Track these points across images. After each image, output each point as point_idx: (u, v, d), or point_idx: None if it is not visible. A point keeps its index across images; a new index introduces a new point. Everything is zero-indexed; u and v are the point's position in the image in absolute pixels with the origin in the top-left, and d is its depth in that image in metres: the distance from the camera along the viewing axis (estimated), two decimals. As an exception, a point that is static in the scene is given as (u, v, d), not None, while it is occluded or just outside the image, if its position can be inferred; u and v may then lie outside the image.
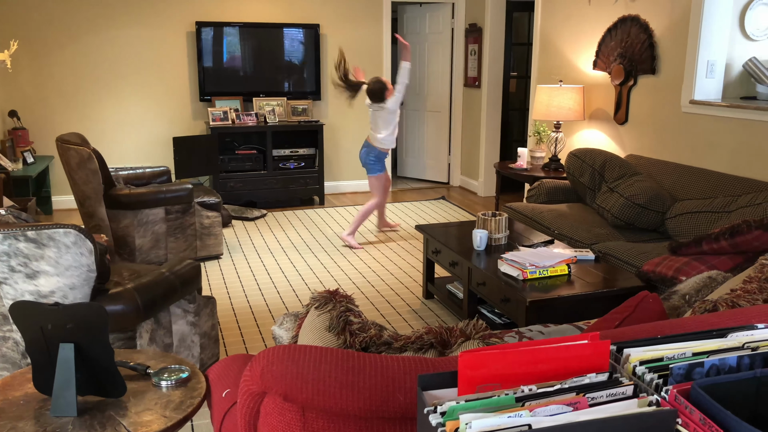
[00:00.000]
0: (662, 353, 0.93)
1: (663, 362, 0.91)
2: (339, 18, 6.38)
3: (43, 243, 2.04)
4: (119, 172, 4.46)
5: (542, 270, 2.86)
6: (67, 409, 1.55)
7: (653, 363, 0.92)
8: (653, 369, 0.90)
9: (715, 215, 3.25)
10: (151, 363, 1.82)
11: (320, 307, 1.66)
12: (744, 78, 3.92)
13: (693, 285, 1.81)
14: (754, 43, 3.91)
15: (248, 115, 5.97)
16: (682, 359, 0.90)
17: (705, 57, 3.83)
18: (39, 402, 1.62)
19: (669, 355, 0.92)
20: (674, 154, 4.06)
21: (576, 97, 4.74)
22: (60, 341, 1.53)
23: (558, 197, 4.37)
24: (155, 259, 4.15)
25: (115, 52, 5.82)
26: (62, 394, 1.54)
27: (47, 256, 2.05)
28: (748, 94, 3.90)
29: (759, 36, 3.89)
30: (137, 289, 2.40)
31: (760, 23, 3.88)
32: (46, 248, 2.04)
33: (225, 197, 5.83)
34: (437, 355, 1.44)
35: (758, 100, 3.70)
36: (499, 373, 0.96)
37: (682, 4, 3.94)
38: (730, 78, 3.93)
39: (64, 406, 1.55)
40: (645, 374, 0.89)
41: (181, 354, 2.66)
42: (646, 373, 0.89)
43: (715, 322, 1.19)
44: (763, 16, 3.87)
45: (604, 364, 0.94)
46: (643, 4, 4.25)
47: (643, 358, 0.93)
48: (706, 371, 0.87)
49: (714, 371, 0.87)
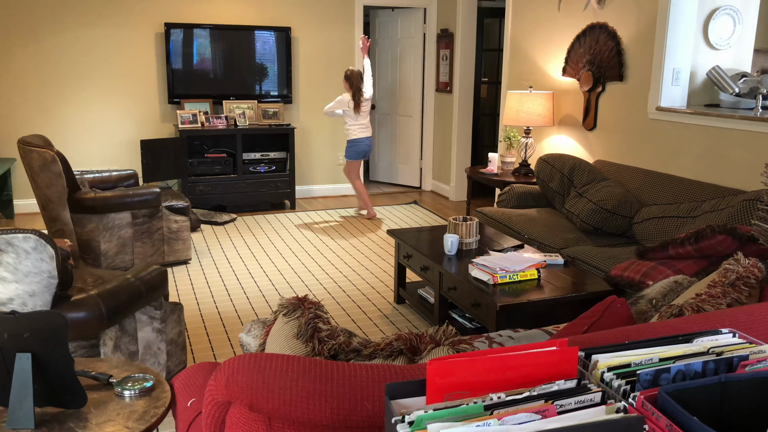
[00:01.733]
0: (629, 359, 0.93)
1: (630, 368, 0.91)
2: (311, 21, 6.35)
3: (1, 248, 1.96)
4: (84, 175, 4.35)
5: (512, 274, 2.88)
6: (24, 421, 1.49)
7: (621, 369, 0.92)
8: (621, 375, 0.90)
9: (681, 220, 3.31)
10: (114, 372, 1.77)
11: (288, 313, 1.63)
12: (708, 86, 4.02)
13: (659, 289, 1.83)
14: (717, 52, 4.02)
15: (218, 118, 5.89)
16: (649, 365, 0.90)
17: (671, 65, 3.91)
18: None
19: (636, 361, 0.92)
20: (641, 159, 4.13)
21: (545, 103, 4.79)
22: (17, 351, 1.48)
23: (528, 202, 4.41)
24: (121, 265, 4.05)
25: (81, 52, 5.69)
26: (19, 405, 1.48)
27: (5, 262, 1.98)
28: (712, 102, 4.00)
29: (722, 45, 4.00)
30: (101, 295, 2.33)
31: (722, 33, 3.98)
32: (4, 254, 1.97)
33: (194, 201, 5.74)
34: (407, 362, 1.43)
35: (721, 108, 3.80)
36: (468, 381, 0.95)
37: (648, 13, 4.02)
38: (694, 86, 4.02)
39: (21, 418, 1.49)
40: (613, 380, 0.89)
41: (146, 362, 2.59)
42: (613, 380, 0.89)
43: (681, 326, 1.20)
44: (725, 26, 3.98)
45: (572, 370, 0.94)
46: (611, 12, 4.32)
47: (611, 365, 0.93)
48: (672, 377, 0.87)
49: (680, 377, 0.87)
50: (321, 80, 6.52)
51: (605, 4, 4.37)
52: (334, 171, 6.78)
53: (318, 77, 6.50)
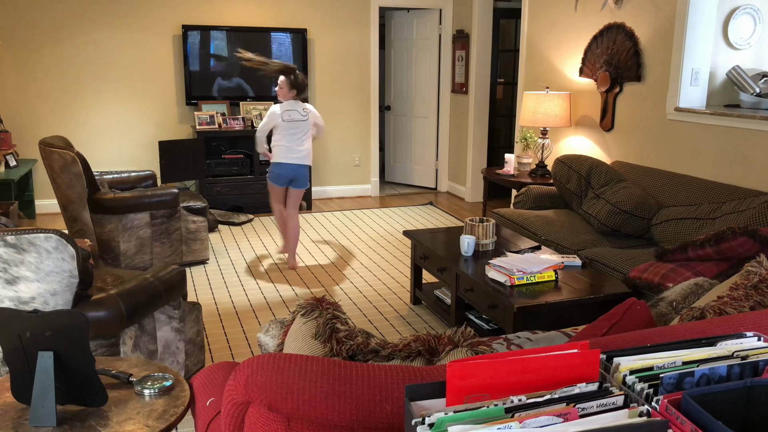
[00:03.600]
0: (652, 362, 0.92)
1: (653, 371, 0.90)
2: (327, 23, 6.37)
3: (23, 248, 1.99)
4: (104, 176, 4.40)
5: (530, 276, 2.86)
6: (46, 419, 1.51)
7: (643, 372, 0.90)
8: (643, 378, 0.89)
9: (700, 222, 3.27)
10: (134, 371, 1.79)
11: (306, 314, 1.63)
12: (727, 86, 3.96)
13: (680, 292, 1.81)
14: (737, 51, 3.96)
15: (235, 119, 5.93)
16: (672, 368, 0.89)
17: (689, 65, 3.86)
18: (17, 411, 1.58)
19: (659, 365, 0.91)
20: (659, 160, 4.09)
21: (562, 103, 4.76)
22: (39, 349, 1.49)
23: (545, 203, 4.38)
24: (140, 265, 4.09)
25: (101, 55, 5.76)
26: (41, 403, 1.50)
27: (27, 262, 2.01)
28: (732, 102, 3.94)
29: (742, 45, 3.94)
30: (120, 295, 2.36)
31: (742, 32, 3.92)
32: (27, 253, 2.00)
33: (211, 202, 5.78)
34: (425, 363, 1.42)
35: (741, 108, 3.74)
36: (488, 383, 0.94)
37: (666, 13, 3.97)
38: (714, 86, 3.97)
39: (43, 416, 1.51)
40: (635, 384, 0.88)
41: (165, 361, 2.61)
42: (636, 383, 0.88)
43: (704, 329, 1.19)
44: (745, 26, 3.92)
45: (594, 373, 0.93)
46: (629, 12, 4.28)
47: (633, 368, 0.92)
48: (696, 381, 0.86)
49: (704, 381, 0.86)
50: (337, 82, 6.53)
51: (622, 3, 4.33)
52: (350, 172, 6.79)
53: (334, 78, 6.51)
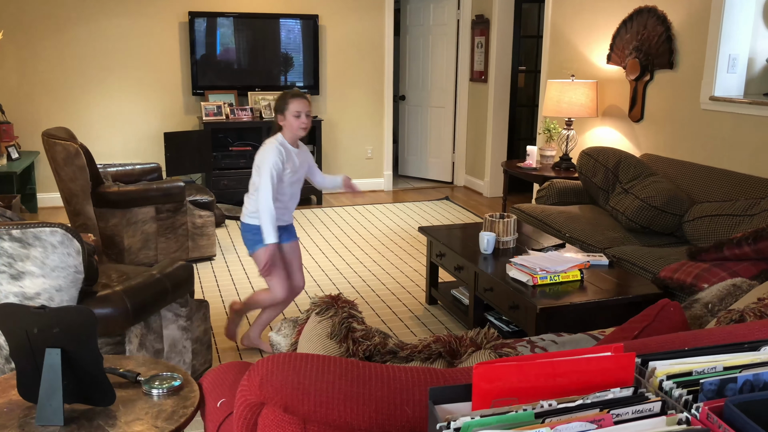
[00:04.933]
0: (691, 367, 0.91)
1: (692, 377, 0.89)
2: (339, 8, 6.36)
3: (29, 242, 2.02)
4: (108, 168, 4.44)
5: (553, 275, 2.84)
6: (53, 418, 1.53)
7: (681, 378, 0.90)
8: (681, 384, 0.88)
9: (737, 219, 3.23)
10: (142, 370, 1.80)
11: (321, 313, 1.64)
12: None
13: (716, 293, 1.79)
14: (777, 37, 3.89)
15: (243, 109, 5.95)
16: (712, 374, 0.88)
17: (726, 51, 3.81)
18: (24, 410, 1.60)
19: (698, 370, 0.90)
20: (692, 153, 4.04)
21: (588, 92, 4.72)
22: (46, 346, 1.51)
23: (569, 198, 4.35)
24: (145, 260, 4.13)
25: (104, 44, 5.80)
26: (48, 401, 1.52)
27: (33, 257, 2.03)
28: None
29: (782, 30, 3.88)
30: (126, 291, 2.38)
31: (783, 17, 3.86)
32: (32, 248, 2.02)
33: (218, 196, 5.81)
34: (446, 365, 1.42)
35: (781, 98, 3.69)
36: (516, 387, 0.94)
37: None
38: (753, 73, 3.91)
39: (50, 415, 1.53)
40: (673, 389, 0.87)
41: (171, 360, 2.64)
42: (674, 389, 0.88)
43: (745, 333, 1.18)
44: (787, 10, 3.86)
45: (628, 378, 0.92)
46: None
47: (671, 372, 0.91)
48: (739, 387, 0.85)
49: (748, 387, 0.85)
50: (349, 70, 6.53)
51: (654, -13, 4.28)
52: (362, 165, 6.80)
53: (346, 67, 6.51)
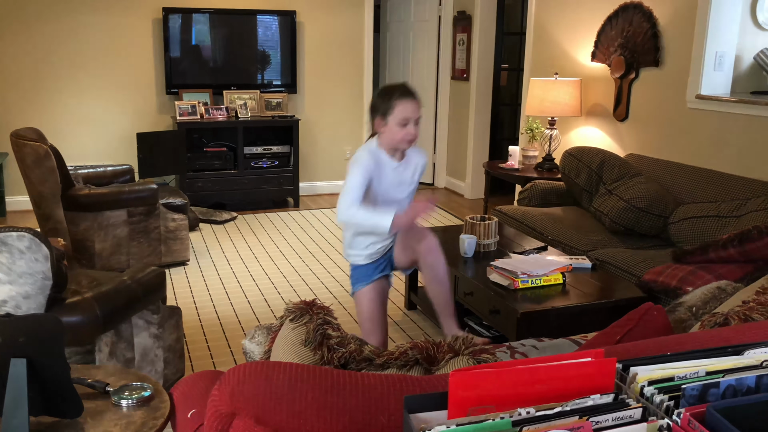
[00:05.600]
0: (673, 372, 0.91)
1: (674, 382, 0.89)
2: (317, 4, 6.34)
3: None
4: (78, 170, 4.38)
5: (535, 279, 2.85)
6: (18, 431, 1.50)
7: (663, 383, 0.90)
8: (663, 390, 0.88)
9: (723, 220, 3.27)
10: (111, 380, 1.78)
11: (295, 319, 1.62)
12: (755, 71, 3.94)
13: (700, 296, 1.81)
14: (766, 33, 3.92)
15: (218, 109, 5.91)
16: (694, 379, 0.89)
17: (713, 48, 3.84)
18: (-18, 425, 1.57)
19: (680, 375, 0.90)
20: (678, 153, 4.09)
21: (572, 91, 4.76)
22: (11, 356, 1.48)
23: (552, 200, 4.38)
24: (116, 266, 4.08)
25: (75, 41, 5.72)
26: (13, 414, 1.49)
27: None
28: (760, 89, 3.92)
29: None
30: (97, 298, 2.34)
31: (771, 13, 3.91)
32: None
33: (192, 198, 5.76)
34: (423, 372, 1.41)
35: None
36: (494, 394, 0.93)
37: (685, -6, 3.97)
38: (740, 71, 3.95)
39: (15, 428, 1.50)
40: (654, 395, 0.87)
41: (143, 369, 2.60)
42: (655, 395, 0.88)
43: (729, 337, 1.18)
44: (773, 6, 3.90)
45: (609, 384, 0.92)
46: (645, -6, 4.28)
47: (652, 378, 0.91)
48: (721, 392, 0.85)
49: (730, 392, 0.85)
50: (328, 68, 6.51)
51: (638, -16, 4.32)
52: (341, 166, 6.78)
53: (325, 65, 6.49)
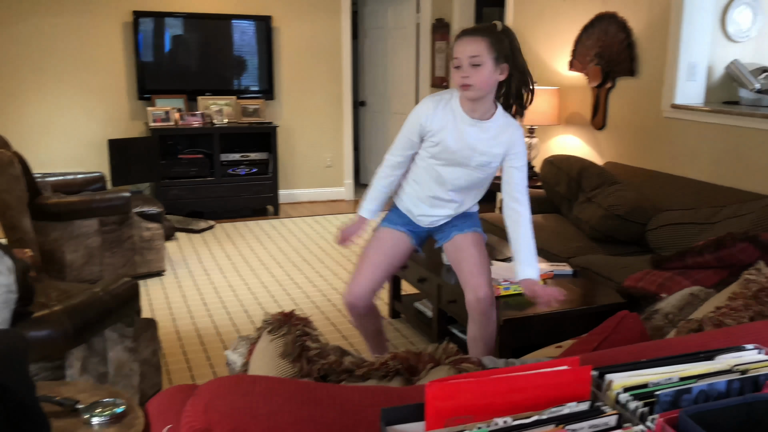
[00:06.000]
0: (647, 379, 0.94)
1: (648, 389, 0.92)
2: (293, 9, 6.36)
3: (-45, 261, 1.95)
4: (47, 178, 4.33)
5: (517, 286, 2.88)
6: (-20, 453, 1.47)
7: (638, 390, 0.92)
8: (638, 396, 0.91)
9: (699, 227, 3.33)
10: (82, 396, 1.76)
11: (274, 331, 1.62)
12: (727, 81, 4.05)
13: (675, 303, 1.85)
14: (736, 44, 4.05)
15: (193, 115, 5.88)
16: (668, 385, 0.91)
17: (686, 59, 3.94)
18: (-52, 444, 1.54)
19: (654, 381, 0.93)
20: (655, 161, 4.16)
21: (551, 99, 4.82)
22: (-27, 374, 1.46)
23: (532, 207, 4.38)
24: (88, 277, 4.03)
25: (42, 44, 5.66)
26: (-25, 435, 1.47)
27: (-40, 276, 1.96)
28: (731, 99, 4.03)
29: (741, 37, 4.03)
30: (67, 311, 2.32)
31: (741, 24, 4.02)
32: (-41, 267, 1.95)
33: (167, 207, 5.71)
34: (404, 383, 1.43)
35: (741, 105, 3.83)
36: (472, 404, 0.95)
37: (661, 2, 4.06)
38: (712, 81, 4.05)
39: (-22, 449, 1.47)
40: (629, 402, 0.90)
41: (118, 384, 2.58)
42: (630, 401, 0.90)
43: (702, 343, 1.22)
44: (744, 17, 4.02)
45: (585, 391, 0.94)
46: (622, 1, 4.36)
47: (627, 385, 0.93)
48: (694, 398, 0.88)
49: (702, 397, 0.88)
50: (306, 74, 6.52)
51: (615, -8, 4.41)
52: (322, 174, 6.78)
53: (303, 71, 6.50)
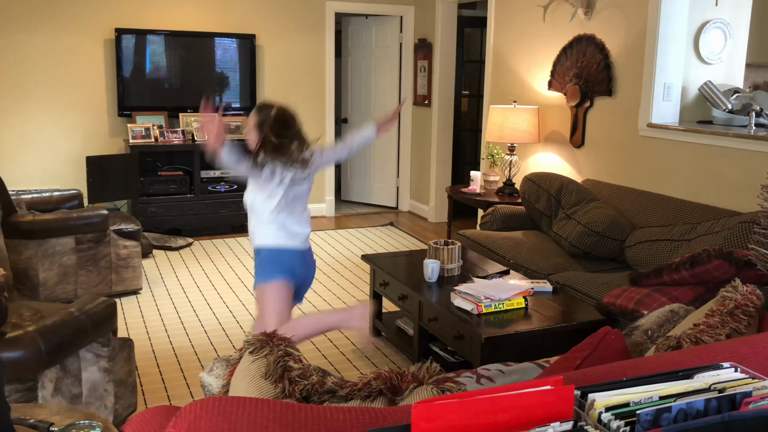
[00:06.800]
0: (628, 398, 0.95)
1: (629, 408, 0.93)
2: (277, 28, 6.38)
3: (-72, 280, 1.91)
4: (21, 195, 4.27)
5: (498, 303, 2.90)
6: (-48, 478, 1.44)
7: (619, 409, 0.93)
8: (619, 415, 0.92)
9: (675, 244, 3.39)
10: (56, 419, 1.73)
11: (255, 351, 1.61)
12: (700, 102, 4.15)
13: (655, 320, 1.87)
14: (708, 66, 4.16)
15: (174, 132, 5.85)
16: (648, 404, 0.92)
17: (662, 79, 4.03)
18: None
19: (635, 400, 0.94)
20: (632, 179, 4.23)
21: (531, 118, 4.89)
22: (-54, 397, 1.43)
23: (513, 224, 4.46)
24: (63, 296, 3.97)
25: (20, 60, 5.61)
26: (-53, 459, 1.43)
27: (-67, 296, 1.92)
28: (705, 118, 4.12)
29: (713, 59, 4.14)
30: (40, 331, 2.28)
31: (713, 47, 4.13)
32: (-68, 286, 1.92)
33: (145, 224, 5.66)
34: (387, 403, 1.42)
35: (714, 125, 3.92)
36: (457, 424, 0.95)
37: (637, 25, 4.15)
38: (686, 101, 4.15)
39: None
40: (611, 421, 0.91)
41: (91, 406, 2.53)
42: (612, 420, 0.91)
43: (680, 361, 1.23)
44: (716, 40, 4.12)
45: (568, 411, 0.95)
46: (599, 24, 4.45)
47: (609, 404, 0.94)
48: (674, 416, 0.89)
49: (681, 416, 0.89)
50: (288, 92, 6.53)
51: (592, 15, 4.50)
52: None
53: (285, 89, 6.51)
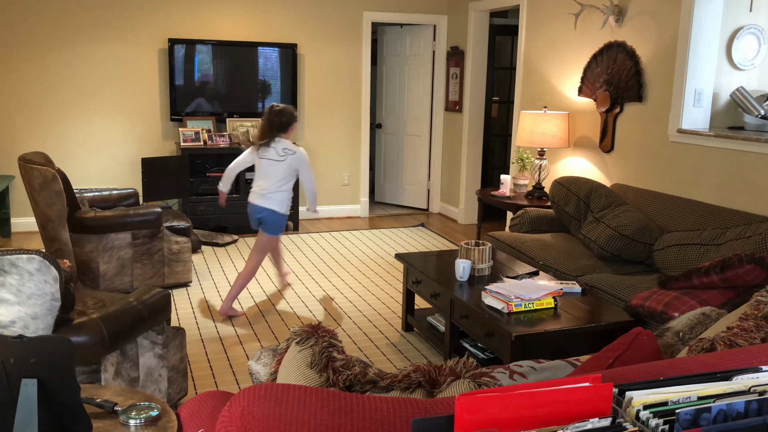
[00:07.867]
0: (666, 397, 0.93)
1: (668, 407, 0.91)
2: (317, 38, 6.43)
3: (5, 269, 1.98)
4: (84, 194, 4.39)
5: (528, 303, 2.87)
6: (25, 452, 1.48)
7: (657, 407, 0.91)
8: (657, 414, 0.90)
9: (704, 248, 3.31)
10: (119, 399, 1.77)
11: (301, 342, 1.63)
12: (731, 108, 4.03)
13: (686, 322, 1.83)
14: (741, 72, 4.03)
15: (221, 136, 5.94)
16: (687, 404, 0.90)
17: (692, 85, 3.93)
18: (-6, 444, 1.56)
19: (674, 399, 0.92)
20: (661, 184, 4.14)
21: (561, 123, 4.82)
22: (22, 376, 1.48)
23: (542, 227, 4.41)
24: (120, 287, 4.06)
25: (84, 68, 5.77)
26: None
27: (8, 284, 1.99)
28: (736, 124, 4.01)
29: (746, 65, 4.02)
30: (103, 319, 2.34)
31: (747, 53, 4.01)
32: (8, 275, 1.98)
33: (195, 221, 5.76)
34: (425, 395, 1.42)
35: (746, 131, 3.81)
36: (498, 418, 0.95)
37: (669, 31, 4.06)
38: (717, 107, 4.03)
39: (23, 449, 1.48)
40: (650, 419, 0.89)
41: (147, 388, 2.59)
42: (650, 418, 0.89)
43: (717, 362, 1.20)
44: (749, 46, 4.00)
45: (606, 408, 0.94)
46: (630, 31, 4.37)
47: (647, 402, 0.93)
48: (713, 417, 0.87)
49: (721, 417, 0.87)
50: (327, 98, 6.58)
51: (623, 22, 4.42)
52: (339, 191, 6.81)
53: (324, 95, 6.56)
